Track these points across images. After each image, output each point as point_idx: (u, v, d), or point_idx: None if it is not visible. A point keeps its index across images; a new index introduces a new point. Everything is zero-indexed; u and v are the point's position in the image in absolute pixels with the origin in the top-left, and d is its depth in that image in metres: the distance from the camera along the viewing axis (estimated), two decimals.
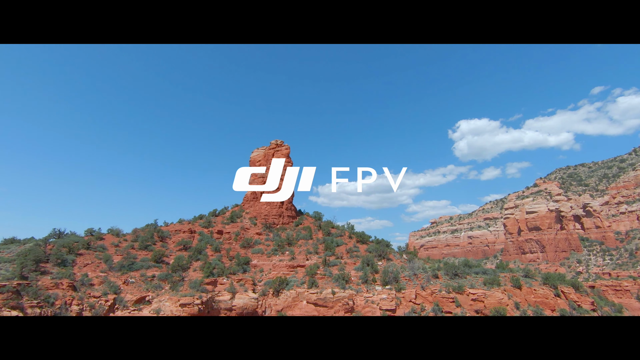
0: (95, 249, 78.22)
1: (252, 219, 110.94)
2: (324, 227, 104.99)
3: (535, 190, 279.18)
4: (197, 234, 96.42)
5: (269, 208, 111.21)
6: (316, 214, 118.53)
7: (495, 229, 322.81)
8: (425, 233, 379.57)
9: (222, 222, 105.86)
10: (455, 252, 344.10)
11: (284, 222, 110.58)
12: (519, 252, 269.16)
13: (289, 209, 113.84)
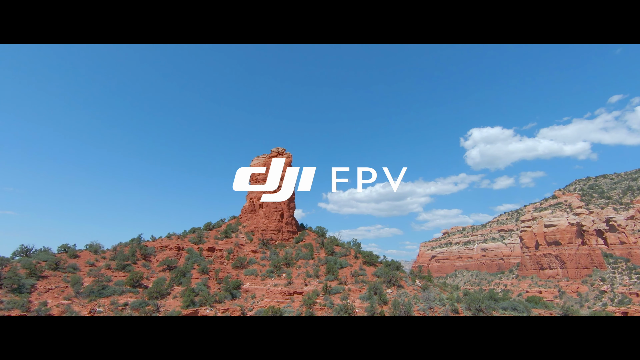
0: (64, 270, 67.98)
1: (248, 234, 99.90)
2: (327, 245, 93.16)
3: (554, 202, 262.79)
4: (185, 251, 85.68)
5: (268, 222, 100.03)
6: (319, 230, 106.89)
7: (510, 242, 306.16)
8: (436, 244, 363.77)
9: (215, 237, 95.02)
10: (468, 265, 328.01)
11: (284, 238, 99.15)
12: (536, 267, 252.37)
13: (290, 223, 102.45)
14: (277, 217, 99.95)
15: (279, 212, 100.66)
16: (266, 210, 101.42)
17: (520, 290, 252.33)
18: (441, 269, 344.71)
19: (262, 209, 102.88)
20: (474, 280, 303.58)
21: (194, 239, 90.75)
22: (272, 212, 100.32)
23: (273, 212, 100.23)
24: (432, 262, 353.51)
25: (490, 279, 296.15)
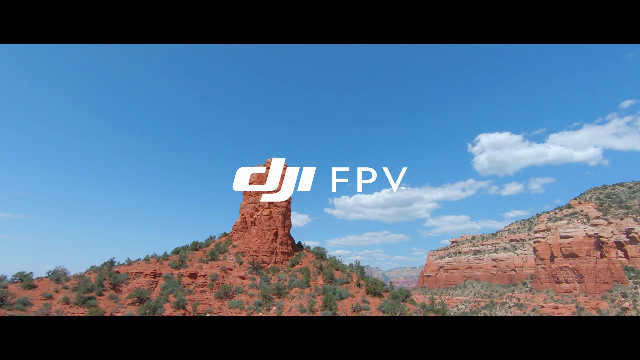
0: (10, 307, 56.50)
1: (238, 255, 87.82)
2: (326, 270, 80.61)
3: (570, 212, 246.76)
4: (162, 278, 73.77)
5: (260, 242, 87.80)
6: (317, 251, 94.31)
7: (522, 252, 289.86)
8: (445, 253, 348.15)
9: (200, 260, 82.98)
10: (478, 275, 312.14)
11: (277, 261, 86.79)
12: (552, 280, 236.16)
13: (284, 244, 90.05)
14: (271, 237, 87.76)
15: (272, 230, 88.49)
16: (259, 228, 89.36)
17: (534, 304, 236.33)
18: (450, 279, 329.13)
19: (255, 227, 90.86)
20: (485, 292, 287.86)
21: (175, 262, 78.73)
22: (265, 230, 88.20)
23: (266, 231, 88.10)
24: (440, 272, 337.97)
25: (501, 291, 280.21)
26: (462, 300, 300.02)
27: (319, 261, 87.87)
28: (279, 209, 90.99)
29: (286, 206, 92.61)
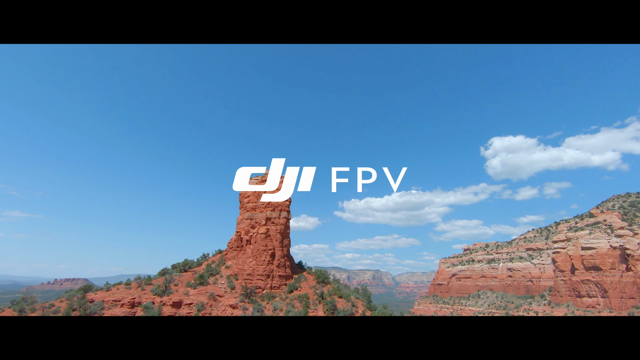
0: None
1: (231, 278, 78.10)
2: (328, 299, 70.23)
3: (592, 222, 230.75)
4: (140, 308, 64.42)
5: (255, 264, 77.87)
6: (319, 273, 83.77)
7: (540, 262, 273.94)
8: (457, 260, 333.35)
9: (187, 284, 73.51)
10: (493, 285, 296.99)
11: (273, 286, 76.71)
12: (572, 294, 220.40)
13: (282, 266, 79.89)
14: (267, 258, 77.80)
15: (269, 251, 78.56)
16: (254, 248, 79.55)
17: None
18: (462, 288, 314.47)
19: (250, 246, 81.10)
20: (500, 303, 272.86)
21: (158, 288, 69.25)
22: (261, 251, 78.34)
23: (262, 252, 78.22)
24: (452, 280, 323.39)
25: (517, 302, 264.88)
26: (475, 311, 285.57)
27: (320, 286, 77.48)
28: (277, 227, 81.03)
29: (285, 224, 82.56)
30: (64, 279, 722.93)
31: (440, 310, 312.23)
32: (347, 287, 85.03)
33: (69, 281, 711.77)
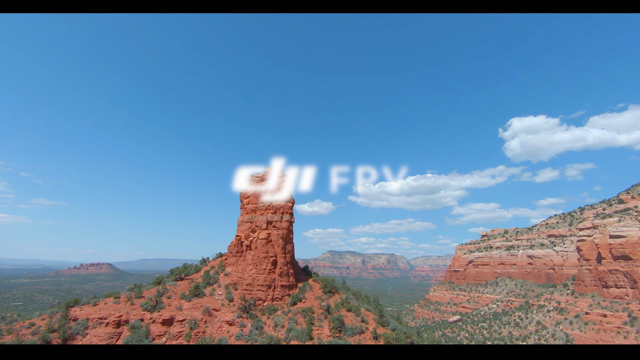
0: None
1: (229, 288, 70.85)
2: (335, 314, 62.19)
3: (621, 208, 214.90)
4: (127, 327, 57.84)
5: (255, 272, 70.18)
6: (326, 282, 75.45)
7: (562, 249, 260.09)
8: (474, 247, 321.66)
9: (181, 296, 66.63)
10: (512, 273, 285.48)
11: (275, 297, 69.05)
12: (598, 284, 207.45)
13: (285, 274, 71.90)
14: (269, 266, 70.00)
15: (270, 258, 70.67)
16: (255, 254, 71.82)
17: (577, 310, 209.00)
18: (480, 275, 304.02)
19: (251, 252, 73.40)
20: (519, 291, 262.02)
21: (148, 303, 62.43)
22: (262, 258, 70.54)
23: (263, 259, 70.42)
24: (469, 267, 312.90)
25: (538, 291, 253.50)
26: (493, 298, 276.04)
27: (326, 297, 69.42)
28: (279, 231, 72.88)
29: (287, 228, 74.26)
30: (89, 263, 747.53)
31: (456, 298, 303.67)
32: (358, 293, 76.88)
33: (94, 266, 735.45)
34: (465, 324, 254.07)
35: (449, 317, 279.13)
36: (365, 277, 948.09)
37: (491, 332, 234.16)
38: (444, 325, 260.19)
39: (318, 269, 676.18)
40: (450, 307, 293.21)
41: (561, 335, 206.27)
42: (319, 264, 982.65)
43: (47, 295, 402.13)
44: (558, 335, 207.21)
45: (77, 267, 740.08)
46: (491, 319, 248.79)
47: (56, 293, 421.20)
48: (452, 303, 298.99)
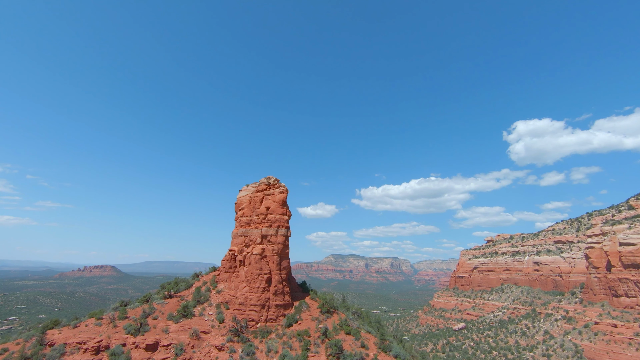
0: None
1: (221, 307, 66.02)
2: (333, 337, 57.17)
3: (632, 215, 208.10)
4: (106, 354, 53.15)
5: (248, 290, 65.34)
6: (324, 300, 70.34)
7: (570, 256, 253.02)
8: (479, 253, 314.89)
9: (169, 317, 61.91)
10: (518, 279, 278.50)
11: (269, 318, 64.13)
12: (608, 292, 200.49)
13: (280, 293, 66.94)
14: (262, 284, 65.16)
15: (264, 276, 65.83)
16: (248, 271, 67.04)
17: (587, 319, 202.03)
18: (485, 281, 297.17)
19: (244, 268, 68.63)
20: (525, 299, 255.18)
21: (132, 326, 57.75)
22: (256, 275, 65.72)
23: (256, 276, 65.60)
24: (474, 273, 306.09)
25: (545, 298, 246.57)
26: (498, 305, 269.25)
27: (324, 318, 64.41)
28: (274, 246, 68.04)
29: (283, 243, 69.39)
30: (93, 266, 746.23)
31: (461, 304, 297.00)
32: (359, 311, 71.62)
33: (98, 268, 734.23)
34: (471, 331, 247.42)
35: (454, 325, 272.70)
36: (368, 280, 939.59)
37: (497, 340, 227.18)
38: (448, 332, 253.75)
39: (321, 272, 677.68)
40: (455, 314, 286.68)
41: (570, 345, 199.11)
42: (322, 267, 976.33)
43: (50, 298, 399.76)
44: (567, 345, 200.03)
45: (81, 270, 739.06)
46: (497, 327, 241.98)
47: (59, 296, 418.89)
48: (456, 310, 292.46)
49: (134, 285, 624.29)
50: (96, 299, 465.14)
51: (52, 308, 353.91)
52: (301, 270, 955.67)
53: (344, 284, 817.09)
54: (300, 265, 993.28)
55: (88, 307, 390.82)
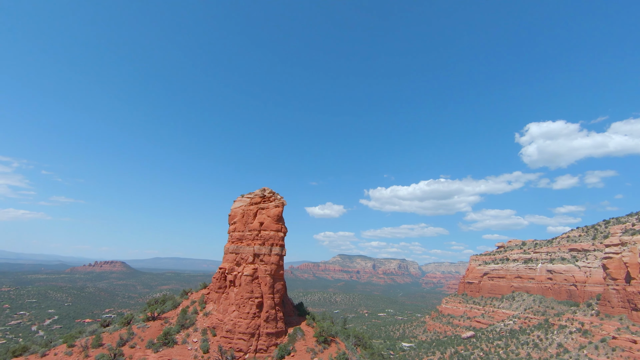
0: None
1: (206, 333, 59.38)
2: None
3: None
4: None
5: (237, 315, 58.47)
6: (321, 330, 62.85)
7: (585, 265, 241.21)
8: (490, 258, 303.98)
9: (148, 344, 55.44)
10: (530, 287, 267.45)
11: (259, 348, 57.16)
12: (627, 306, 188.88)
13: (273, 319, 59.86)
14: (253, 309, 58.26)
15: (255, 300, 58.95)
16: (238, 293, 60.22)
17: (604, 333, 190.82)
18: (495, 288, 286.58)
19: (234, 289, 61.86)
20: (537, 308, 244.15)
21: (105, 356, 51.32)
22: (246, 299, 58.88)
23: (247, 300, 58.76)
24: (484, 279, 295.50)
25: (559, 309, 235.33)
26: (509, 314, 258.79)
27: (320, 349, 57.17)
28: (267, 267, 61.06)
29: (277, 263, 62.33)
30: (103, 261, 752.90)
31: (470, 311, 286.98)
32: (360, 336, 64.41)
33: (108, 263, 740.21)
34: (480, 340, 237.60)
35: (462, 332, 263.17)
36: (375, 282, 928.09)
37: (508, 352, 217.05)
38: (456, 341, 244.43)
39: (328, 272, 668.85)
40: (464, 321, 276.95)
41: None
42: (329, 268, 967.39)
43: (60, 292, 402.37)
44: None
45: (91, 265, 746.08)
46: (507, 337, 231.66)
47: (69, 291, 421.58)
48: (465, 317, 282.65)
49: (142, 282, 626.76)
50: (105, 295, 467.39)
51: (62, 303, 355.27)
52: (308, 270, 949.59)
53: (351, 285, 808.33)
54: (307, 265, 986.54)
55: (97, 303, 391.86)
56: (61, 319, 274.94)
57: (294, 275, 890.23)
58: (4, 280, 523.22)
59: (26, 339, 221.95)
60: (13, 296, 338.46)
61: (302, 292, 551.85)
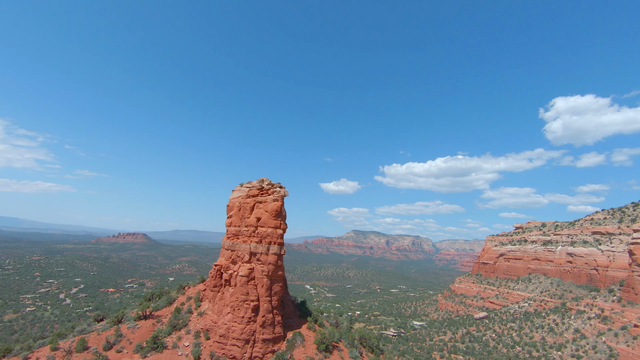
0: None
1: (199, 336, 54.64)
2: None
3: None
4: None
5: (232, 319, 53.18)
6: (322, 337, 57.06)
7: (609, 249, 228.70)
8: (507, 239, 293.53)
9: (136, 348, 51.12)
10: (547, 270, 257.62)
11: (254, 356, 51.96)
12: None
13: (270, 324, 54.36)
14: (248, 313, 52.85)
15: (251, 303, 53.42)
16: (233, 294, 54.79)
17: (625, 321, 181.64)
18: (511, 269, 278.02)
19: (230, 288, 56.49)
20: (555, 291, 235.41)
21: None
22: (241, 302, 53.42)
23: (242, 303, 53.30)
24: (500, 260, 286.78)
25: (577, 293, 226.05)
26: (525, 296, 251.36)
27: (321, 358, 51.68)
28: (264, 267, 55.07)
29: (275, 263, 56.14)
30: (126, 233, 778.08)
31: (484, 292, 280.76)
32: (367, 337, 58.87)
33: (130, 235, 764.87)
34: (493, 322, 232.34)
35: (475, 312, 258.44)
36: (388, 258, 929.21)
37: (521, 334, 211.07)
38: (469, 321, 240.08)
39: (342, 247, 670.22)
40: (477, 302, 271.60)
41: (604, 348, 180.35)
42: (343, 243, 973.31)
43: (86, 262, 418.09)
44: (600, 347, 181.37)
45: (115, 236, 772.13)
46: (522, 320, 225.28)
47: (95, 261, 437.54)
48: (478, 297, 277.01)
49: (163, 253, 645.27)
50: (128, 265, 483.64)
51: (88, 272, 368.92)
52: (322, 245, 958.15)
53: (364, 260, 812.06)
54: (321, 239, 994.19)
55: (120, 273, 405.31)
56: (87, 288, 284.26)
57: (308, 249, 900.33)
58: (35, 249, 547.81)
59: (54, 307, 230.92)
60: (43, 265, 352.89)
61: (316, 267, 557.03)
